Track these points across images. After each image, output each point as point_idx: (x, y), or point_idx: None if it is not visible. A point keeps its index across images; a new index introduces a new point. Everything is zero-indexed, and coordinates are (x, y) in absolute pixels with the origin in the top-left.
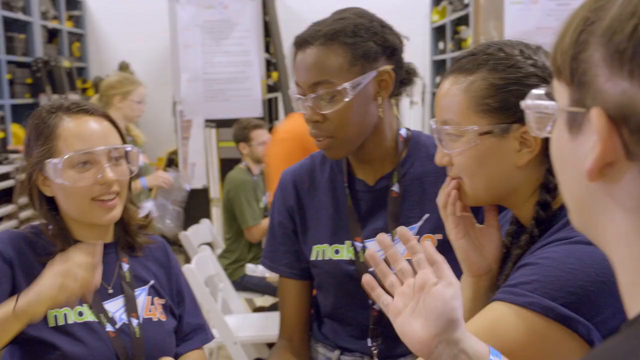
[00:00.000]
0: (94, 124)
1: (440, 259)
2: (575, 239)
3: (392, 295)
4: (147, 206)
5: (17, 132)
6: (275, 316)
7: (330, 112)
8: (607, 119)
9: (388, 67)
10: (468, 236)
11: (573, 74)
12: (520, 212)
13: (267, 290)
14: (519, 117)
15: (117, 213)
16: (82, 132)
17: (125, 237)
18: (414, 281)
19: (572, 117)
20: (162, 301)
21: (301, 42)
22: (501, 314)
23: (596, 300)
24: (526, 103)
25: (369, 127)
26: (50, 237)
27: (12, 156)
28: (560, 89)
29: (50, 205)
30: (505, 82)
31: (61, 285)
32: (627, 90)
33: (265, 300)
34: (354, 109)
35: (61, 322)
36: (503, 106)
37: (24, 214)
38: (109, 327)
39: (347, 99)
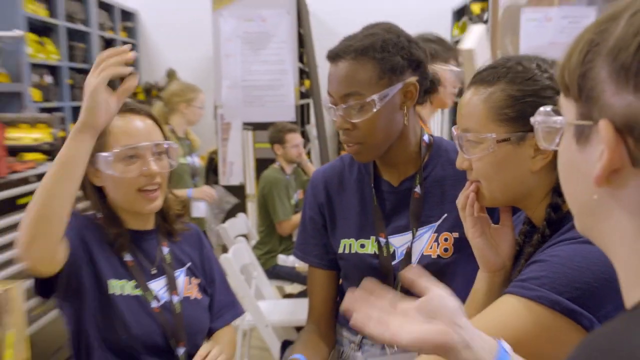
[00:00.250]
0: (139, 122)
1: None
2: (582, 239)
3: None
4: (201, 205)
5: None
6: (303, 302)
7: (359, 121)
8: (614, 130)
9: (413, 79)
10: (484, 235)
11: (581, 90)
12: (533, 213)
13: (296, 278)
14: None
15: (159, 203)
16: (129, 129)
17: (164, 224)
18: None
19: (579, 130)
20: (198, 281)
21: (334, 56)
22: (512, 306)
23: (599, 296)
24: (536, 119)
25: (395, 134)
26: (101, 224)
27: None
28: (567, 105)
29: (99, 194)
30: (522, 94)
31: (98, 88)
32: (632, 102)
33: (294, 288)
34: (381, 118)
35: (118, 293)
36: (520, 116)
37: (80, 206)
38: (154, 304)
39: (375, 109)
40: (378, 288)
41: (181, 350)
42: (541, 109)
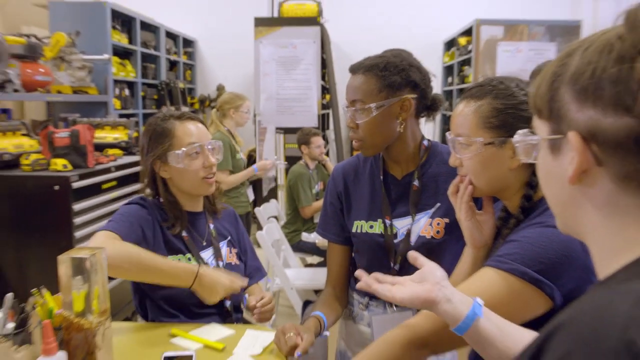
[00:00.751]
0: (195, 127)
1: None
2: (547, 224)
3: None
4: (250, 191)
5: None
6: (321, 271)
7: (360, 123)
8: (581, 138)
9: (410, 96)
10: (473, 219)
11: (551, 111)
12: (509, 202)
13: (316, 252)
14: (513, 133)
15: (214, 187)
16: (190, 132)
17: (209, 205)
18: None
19: (552, 143)
20: (236, 250)
21: (352, 69)
22: (490, 276)
23: (559, 269)
24: (515, 139)
25: (391, 137)
26: (164, 207)
27: None
28: (540, 124)
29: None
30: (504, 107)
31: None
32: (592, 116)
33: (314, 259)
34: (377, 123)
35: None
36: (502, 124)
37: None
38: None
39: (372, 115)
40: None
41: (228, 303)
42: (519, 131)
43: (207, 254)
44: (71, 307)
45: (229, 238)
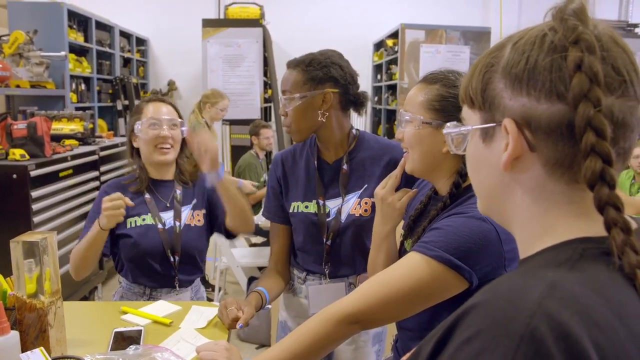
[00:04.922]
0: (161, 107)
1: None
2: (469, 215)
3: None
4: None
5: (101, 125)
6: (264, 250)
7: (288, 110)
8: (516, 124)
9: (331, 90)
10: None
11: (484, 101)
12: (439, 186)
13: (259, 233)
14: (449, 120)
15: (169, 157)
16: (155, 109)
17: (180, 175)
18: None
19: (484, 131)
20: (203, 211)
21: (287, 65)
22: (417, 261)
23: (477, 256)
24: (445, 131)
25: (314, 126)
26: (137, 173)
27: (98, 139)
28: (472, 114)
29: (137, 154)
30: (448, 95)
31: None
32: (525, 103)
33: (258, 239)
34: (301, 112)
35: (133, 225)
36: (442, 109)
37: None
38: (159, 226)
39: (297, 105)
40: None
41: (176, 258)
42: (448, 124)
43: (167, 215)
44: (24, 288)
45: (194, 202)
